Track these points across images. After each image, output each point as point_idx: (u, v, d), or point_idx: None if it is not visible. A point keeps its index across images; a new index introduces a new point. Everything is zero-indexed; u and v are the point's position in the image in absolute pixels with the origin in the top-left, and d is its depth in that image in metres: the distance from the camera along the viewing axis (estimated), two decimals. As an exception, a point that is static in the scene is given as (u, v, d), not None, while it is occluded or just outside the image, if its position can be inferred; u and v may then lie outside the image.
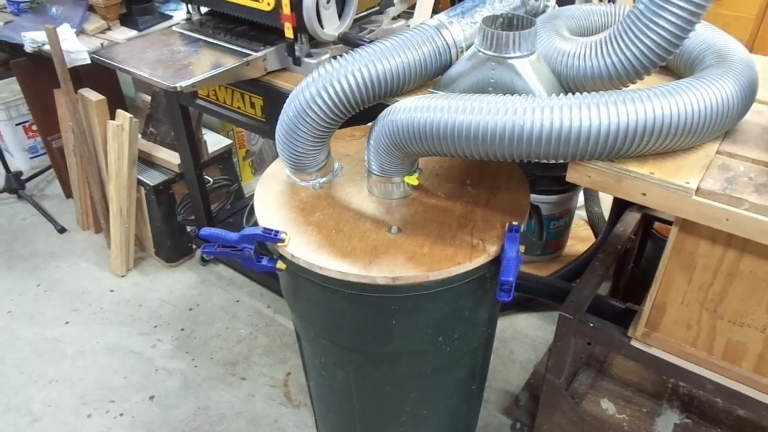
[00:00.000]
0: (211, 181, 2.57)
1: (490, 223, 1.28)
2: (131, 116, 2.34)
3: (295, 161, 1.34)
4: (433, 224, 1.28)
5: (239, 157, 3.01)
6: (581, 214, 2.60)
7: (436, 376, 1.45)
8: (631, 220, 1.75)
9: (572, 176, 1.14)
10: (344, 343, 1.40)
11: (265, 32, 1.80)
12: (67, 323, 2.40)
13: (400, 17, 2.03)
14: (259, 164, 3.17)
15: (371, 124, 1.26)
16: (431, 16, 1.86)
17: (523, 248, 1.22)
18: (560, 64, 1.18)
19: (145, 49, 1.80)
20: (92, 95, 2.38)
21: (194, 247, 2.73)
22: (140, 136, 2.57)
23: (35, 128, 3.15)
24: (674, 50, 1.04)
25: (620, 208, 1.87)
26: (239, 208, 2.73)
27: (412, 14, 2.03)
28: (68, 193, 3.04)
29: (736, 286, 1.15)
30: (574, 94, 1.06)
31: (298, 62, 1.72)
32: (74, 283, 2.60)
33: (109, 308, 2.47)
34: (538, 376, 1.84)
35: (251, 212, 1.42)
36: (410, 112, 1.15)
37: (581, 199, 2.53)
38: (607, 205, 2.29)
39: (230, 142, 2.75)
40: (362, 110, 1.27)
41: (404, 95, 1.30)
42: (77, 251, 2.78)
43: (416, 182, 1.34)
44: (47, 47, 2.18)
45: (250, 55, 1.71)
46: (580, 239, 2.59)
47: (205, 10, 1.95)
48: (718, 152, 1.11)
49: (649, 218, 1.83)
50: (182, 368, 2.20)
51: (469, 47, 1.28)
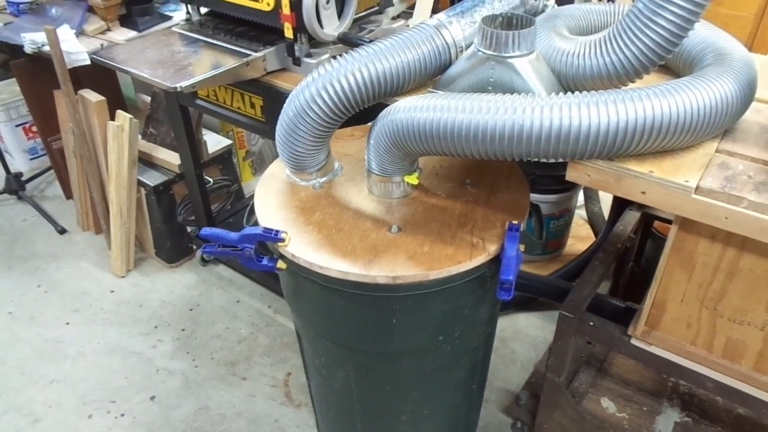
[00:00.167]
0: (211, 181, 2.57)
1: (490, 222, 1.28)
2: (131, 117, 2.34)
3: (295, 161, 1.34)
4: (433, 223, 1.28)
5: (239, 157, 3.02)
6: (581, 213, 2.60)
7: (436, 375, 1.45)
8: (630, 219, 1.75)
9: (572, 175, 1.14)
10: (344, 342, 1.40)
11: (264, 32, 1.80)
12: (67, 324, 2.41)
13: (399, 17, 2.03)
14: (259, 164, 3.17)
15: (371, 123, 1.26)
16: (431, 15, 1.87)
17: (523, 247, 1.22)
18: (560, 63, 1.18)
19: (144, 49, 1.80)
20: (92, 96, 2.38)
21: (194, 247, 2.73)
22: (140, 136, 2.57)
23: (35, 129, 3.16)
24: (673, 49, 1.04)
25: (620, 207, 1.87)
26: (239, 208, 2.73)
27: (411, 14, 2.03)
28: (68, 194, 3.04)
29: (735, 284, 1.15)
30: (573, 93, 1.06)
31: (297, 62, 1.72)
32: (75, 283, 2.60)
33: (109, 309, 2.47)
34: (538, 375, 1.84)
35: (251, 212, 1.43)
36: (410, 111, 1.15)
37: (581, 198, 2.53)
38: (606, 204, 2.29)
39: (230, 142, 2.76)
40: (362, 110, 1.28)
41: (404, 95, 1.30)
42: (77, 252, 2.79)
43: (416, 181, 1.34)
44: (47, 48, 2.18)
45: (249, 55, 1.71)
46: (580, 238, 2.59)
47: (204, 10, 1.96)
48: (717, 151, 1.12)
49: (648, 217, 1.84)
50: (183, 368, 2.20)
51: (468, 47, 1.28)
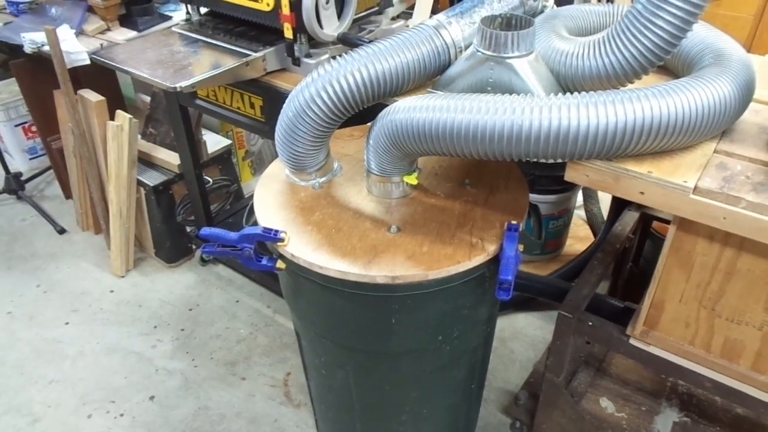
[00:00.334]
0: (210, 181, 2.57)
1: (489, 222, 1.28)
2: (131, 117, 2.34)
3: (294, 161, 1.34)
4: (432, 223, 1.28)
5: (239, 157, 3.02)
6: (580, 213, 2.60)
7: (435, 375, 1.45)
8: (629, 219, 1.76)
9: (571, 175, 1.14)
10: (344, 342, 1.40)
11: (264, 33, 1.80)
12: (67, 324, 2.41)
13: (399, 17, 2.03)
14: (258, 164, 3.17)
15: (370, 123, 1.27)
16: (430, 16, 1.87)
17: (522, 247, 1.22)
18: (558, 63, 1.19)
19: (144, 49, 1.81)
20: (92, 96, 2.38)
21: (194, 247, 2.73)
22: (140, 136, 2.57)
23: (35, 129, 3.16)
24: (672, 50, 1.04)
25: (619, 207, 1.87)
26: (239, 208, 2.73)
27: (411, 14, 2.03)
28: (68, 194, 3.04)
29: (733, 284, 1.16)
30: (572, 93, 1.06)
31: (297, 62, 1.72)
32: (74, 283, 2.60)
33: (109, 309, 2.47)
34: (537, 374, 1.84)
35: (251, 212, 1.43)
36: (409, 111, 1.15)
37: (580, 198, 2.53)
38: (605, 204, 2.29)
39: (229, 142, 2.76)
40: (361, 110, 1.28)
41: (403, 95, 1.30)
42: (77, 252, 2.79)
43: (415, 182, 1.34)
44: (47, 48, 2.18)
45: (249, 55, 1.71)
46: (578, 238, 2.60)
47: (204, 10, 1.96)
48: (715, 151, 1.12)
49: (647, 217, 1.84)
50: (182, 368, 2.20)
51: (467, 47, 1.28)
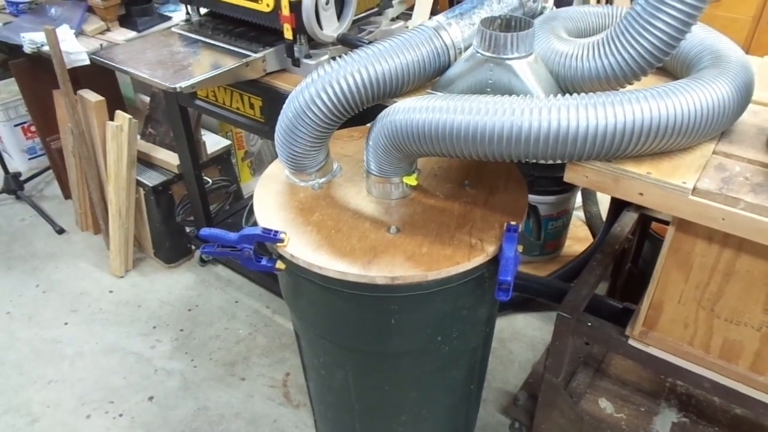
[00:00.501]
0: (210, 181, 2.57)
1: (488, 223, 1.28)
2: (130, 117, 2.34)
3: (294, 162, 1.34)
4: (431, 224, 1.28)
5: (238, 157, 3.02)
6: (579, 214, 2.60)
7: (435, 375, 1.45)
8: (628, 220, 1.76)
9: (570, 176, 1.15)
10: (343, 342, 1.40)
11: (264, 33, 1.80)
12: (66, 324, 2.41)
13: (398, 18, 2.03)
14: (257, 165, 3.17)
15: (370, 124, 1.27)
16: (430, 17, 1.87)
17: (521, 248, 1.23)
18: (558, 65, 1.19)
19: (144, 49, 1.81)
20: (91, 96, 2.38)
21: (193, 247, 2.73)
22: (139, 137, 2.57)
23: (34, 129, 3.15)
24: (671, 51, 1.04)
25: (618, 208, 1.87)
26: (238, 208, 2.73)
27: (410, 15, 2.03)
28: (67, 194, 3.04)
29: (732, 285, 1.16)
30: (571, 94, 1.06)
31: (297, 63, 1.72)
32: (73, 284, 2.60)
33: (108, 309, 2.47)
34: (536, 375, 1.84)
35: (250, 212, 1.43)
36: (409, 112, 1.15)
37: (579, 199, 2.54)
38: (604, 205, 2.30)
39: (229, 143, 2.76)
40: (361, 111, 1.28)
41: (403, 96, 1.30)
42: (76, 252, 2.78)
43: (415, 182, 1.34)
44: (46, 48, 2.18)
45: (249, 56, 1.71)
46: (578, 239, 2.60)
47: (204, 11, 1.96)
48: (714, 152, 1.12)
49: (646, 218, 1.84)
50: (181, 369, 2.20)
51: (467, 48, 1.28)
